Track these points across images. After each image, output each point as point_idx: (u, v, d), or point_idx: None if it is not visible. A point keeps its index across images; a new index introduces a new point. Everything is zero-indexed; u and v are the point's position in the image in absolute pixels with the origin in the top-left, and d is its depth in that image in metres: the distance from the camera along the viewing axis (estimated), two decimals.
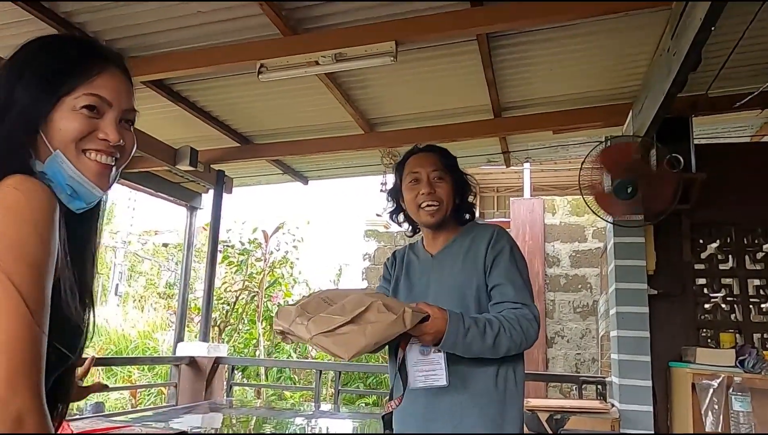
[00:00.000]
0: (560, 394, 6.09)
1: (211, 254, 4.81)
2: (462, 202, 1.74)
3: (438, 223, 1.68)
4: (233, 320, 6.89)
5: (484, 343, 1.45)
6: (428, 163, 1.68)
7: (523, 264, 1.64)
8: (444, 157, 1.72)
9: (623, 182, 2.98)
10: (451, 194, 1.68)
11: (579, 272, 6.52)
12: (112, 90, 0.88)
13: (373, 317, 1.34)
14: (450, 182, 1.68)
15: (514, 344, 1.49)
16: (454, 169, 1.72)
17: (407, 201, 1.71)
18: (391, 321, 1.34)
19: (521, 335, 1.49)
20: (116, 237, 18.46)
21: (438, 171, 1.67)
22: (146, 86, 3.39)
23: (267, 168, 5.06)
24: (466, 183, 1.76)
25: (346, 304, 1.35)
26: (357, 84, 3.49)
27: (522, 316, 1.51)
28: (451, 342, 1.41)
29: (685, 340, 3.23)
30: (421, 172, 1.67)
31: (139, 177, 4.71)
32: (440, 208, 1.66)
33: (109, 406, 6.53)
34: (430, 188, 1.65)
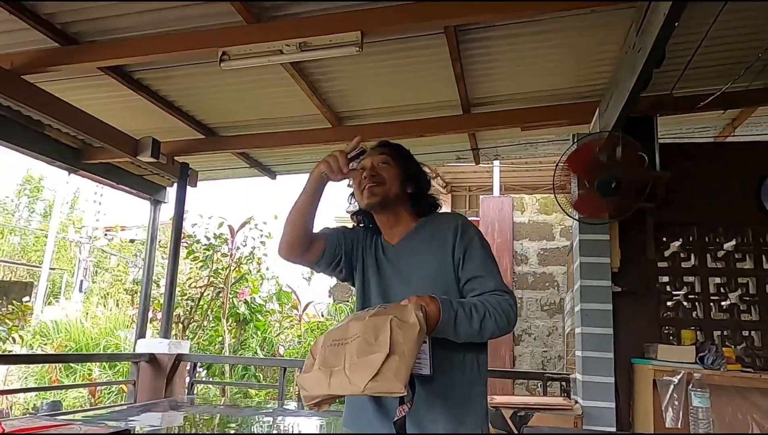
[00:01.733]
0: (526, 391, 6.12)
1: (173, 249, 4.69)
2: (417, 193, 1.73)
3: (380, 202, 1.66)
4: (198, 317, 6.75)
5: (471, 327, 1.47)
6: (377, 154, 1.71)
7: (491, 251, 1.67)
8: (395, 150, 1.74)
9: (607, 179, 2.98)
10: (397, 179, 1.67)
11: (547, 270, 6.56)
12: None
13: (401, 337, 1.30)
14: (396, 169, 1.69)
15: (498, 328, 1.51)
16: (403, 159, 1.73)
17: (354, 190, 1.72)
18: (417, 332, 1.32)
19: (504, 319, 1.51)
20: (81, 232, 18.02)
21: (385, 159, 1.69)
22: (104, 72, 3.27)
23: (233, 161, 4.95)
24: (421, 175, 1.76)
25: (366, 337, 1.30)
26: (324, 76, 3.42)
27: (504, 301, 1.53)
28: (443, 328, 1.42)
29: (648, 337, 3.26)
30: (368, 162, 1.69)
31: (99, 169, 4.56)
32: (380, 186, 1.64)
33: (67, 404, 6.34)
34: (372, 171, 1.66)
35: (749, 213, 3.33)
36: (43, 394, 6.14)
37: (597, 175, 2.98)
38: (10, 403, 6.37)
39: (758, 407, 2.72)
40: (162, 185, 5.21)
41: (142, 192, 5.09)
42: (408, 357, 1.26)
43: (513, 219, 6.72)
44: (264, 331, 6.93)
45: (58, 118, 3.48)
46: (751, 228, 3.34)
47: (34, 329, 8.29)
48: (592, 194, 2.99)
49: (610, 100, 3.18)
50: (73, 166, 4.36)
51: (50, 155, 4.15)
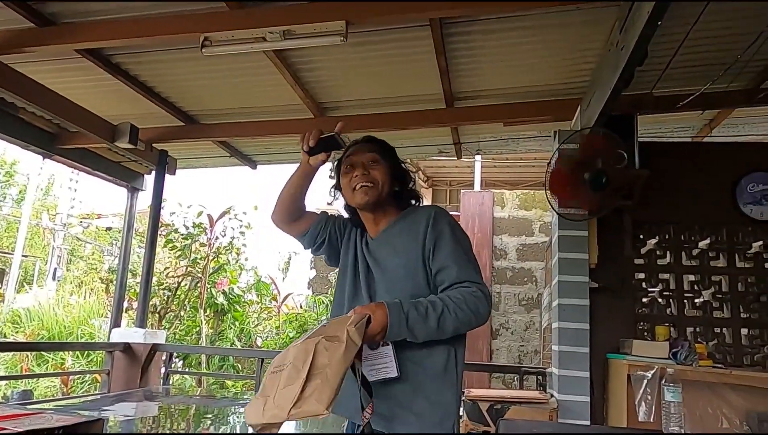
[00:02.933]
0: (503, 385, 6.19)
1: (150, 237, 4.62)
2: (402, 190, 1.76)
3: (373, 203, 1.68)
4: (175, 307, 6.66)
5: (427, 326, 1.46)
6: (364, 151, 1.71)
7: (467, 242, 1.65)
8: (381, 146, 1.75)
9: (598, 173, 3.00)
10: (387, 178, 1.70)
11: (525, 265, 6.63)
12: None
13: (325, 359, 1.31)
14: (386, 167, 1.71)
15: (462, 323, 1.49)
16: (391, 157, 1.75)
17: (343, 186, 1.72)
18: (343, 350, 1.33)
19: (469, 313, 1.49)
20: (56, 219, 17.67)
21: (373, 158, 1.70)
22: (81, 55, 3.19)
23: (213, 150, 4.88)
24: (405, 172, 1.78)
25: (296, 364, 1.31)
26: (307, 65, 3.39)
27: (469, 294, 1.51)
28: (396, 332, 1.44)
29: (624, 332, 3.31)
30: (356, 159, 1.70)
31: (75, 154, 4.47)
32: (374, 188, 1.67)
33: (38, 394, 6.22)
34: (363, 170, 1.67)
35: (724, 212, 3.39)
36: (13, 383, 6.02)
37: (587, 171, 3.00)
38: None
39: (728, 402, 2.78)
40: (140, 172, 5.12)
41: (119, 179, 5.00)
42: (332, 378, 1.27)
43: (493, 214, 6.77)
44: (242, 322, 6.88)
45: (32, 101, 3.40)
46: (725, 227, 3.40)
47: (6, 317, 8.12)
48: (584, 190, 3.01)
49: (592, 97, 3.21)
50: (48, 151, 4.27)
51: (24, 139, 4.06)
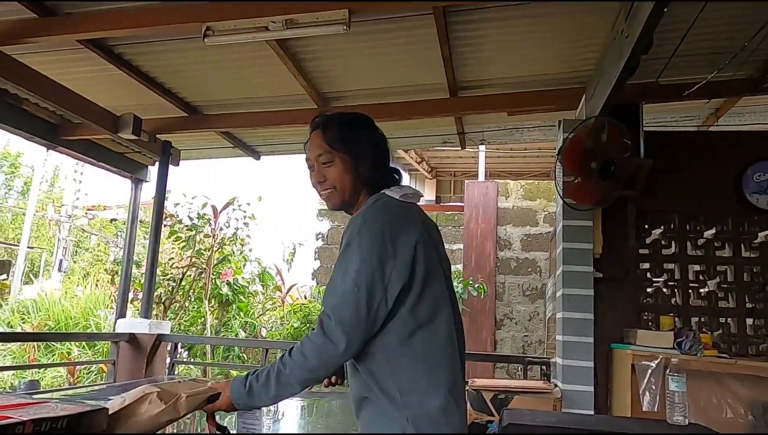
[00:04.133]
0: (507, 375, 6.20)
1: (155, 228, 4.63)
2: (370, 170, 1.53)
3: (338, 206, 1.56)
4: (180, 297, 6.69)
5: (271, 390, 1.41)
6: (314, 147, 1.53)
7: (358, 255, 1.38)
8: (327, 133, 1.52)
9: (607, 162, 2.98)
10: (345, 173, 1.51)
11: (530, 256, 6.62)
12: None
13: (143, 409, 1.51)
14: (340, 162, 1.50)
15: (309, 371, 1.39)
16: (344, 142, 1.51)
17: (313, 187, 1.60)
18: (158, 412, 1.51)
19: (306, 361, 1.38)
20: (61, 210, 17.73)
21: (324, 154, 1.51)
22: (83, 46, 3.18)
23: (217, 141, 4.88)
24: (369, 148, 1.54)
25: (126, 397, 1.51)
26: (310, 55, 3.37)
27: (307, 339, 1.39)
28: (243, 403, 1.44)
29: (628, 322, 3.30)
30: (311, 157, 1.54)
31: (79, 145, 4.47)
32: (334, 193, 1.52)
33: (45, 384, 6.28)
34: (319, 176, 1.53)
35: (730, 202, 3.37)
36: (20, 373, 6.07)
37: (595, 159, 2.98)
38: None
39: (733, 392, 2.78)
40: (143, 164, 5.12)
41: (123, 170, 5.00)
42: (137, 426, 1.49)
43: (497, 204, 6.75)
44: (247, 312, 6.91)
45: (35, 91, 3.40)
46: (731, 217, 3.38)
47: (13, 308, 8.18)
48: (591, 179, 2.99)
49: (597, 86, 3.18)
50: (51, 143, 4.27)
51: (28, 130, 4.06)
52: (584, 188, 3.08)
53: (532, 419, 2.37)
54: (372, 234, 1.39)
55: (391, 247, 1.38)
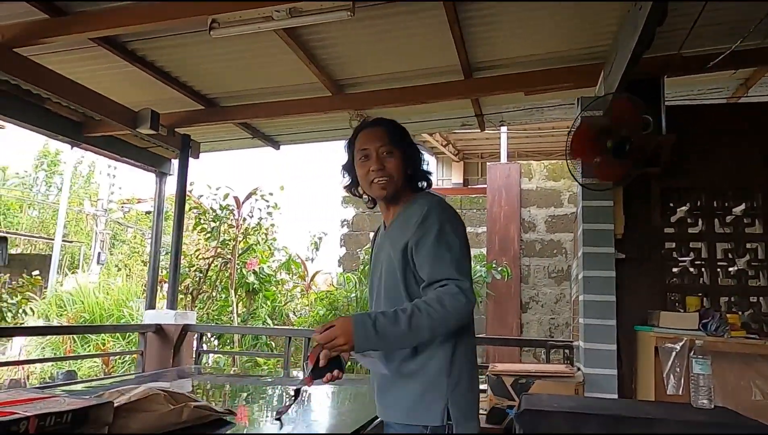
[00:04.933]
0: (534, 359, 6.14)
1: (177, 220, 4.71)
2: (415, 172, 1.75)
3: (389, 195, 1.71)
4: (207, 288, 6.82)
5: (398, 330, 1.46)
6: (376, 139, 1.70)
7: (454, 237, 1.61)
8: (392, 131, 1.73)
9: (621, 141, 2.90)
10: (401, 167, 1.70)
11: (554, 237, 6.50)
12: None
13: (153, 407, 1.62)
14: (399, 155, 1.70)
15: (440, 323, 1.49)
16: (402, 141, 1.73)
17: (360, 177, 1.74)
18: (167, 411, 1.62)
19: (443, 312, 1.48)
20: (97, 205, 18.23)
21: (385, 146, 1.69)
22: (97, 44, 3.23)
23: (235, 132, 4.91)
24: (417, 153, 1.78)
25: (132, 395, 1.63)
26: (320, 42, 3.35)
27: (445, 293, 1.50)
28: (362, 341, 1.46)
29: (653, 304, 3.21)
30: (370, 148, 1.70)
31: (102, 141, 4.56)
32: (390, 182, 1.68)
33: (82, 374, 6.51)
34: (379, 164, 1.68)
35: (759, 176, 3.23)
36: (59, 364, 6.30)
37: (609, 138, 2.90)
38: (27, 373, 6.57)
39: (762, 374, 2.69)
40: (166, 157, 5.19)
41: (147, 164, 5.09)
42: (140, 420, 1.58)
43: (520, 186, 6.65)
44: (273, 300, 7.00)
45: (54, 91, 3.47)
46: (760, 192, 3.24)
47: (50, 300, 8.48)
48: (607, 158, 2.91)
49: (614, 61, 3.07)
50: (75, 140, 4.37)
51: (52, 129, 4.16)
52: (602, 168, 2.99)
53: (550, 404, 2.33)
54: (459, 223, 1.66)
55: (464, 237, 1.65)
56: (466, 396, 1.62)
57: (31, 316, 6.72)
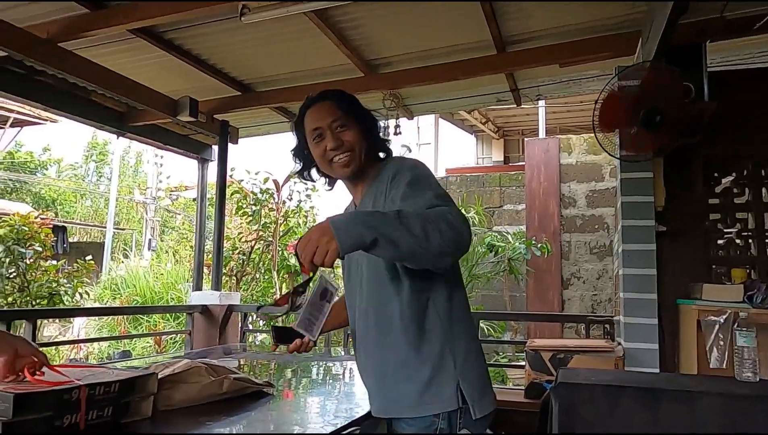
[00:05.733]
0: (576, 335, 6.08)
1: (219, 205, 4.85)
2: (375, 141, 1.62)
3: (354, 171, 1.58)
4: (250, 269, 7.01)
5: (386, 218, 1.23)
6: (327, 114, 1.56)
7: (428, 177, 1.46)
8: (341, 102, 1.58)
9: (651, 111, 2.82)
10: (360, 138, 1.56)
11: (596, 212, 6.37)
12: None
13: (194, 378, 1.69)
14: (355, 126, 1.56)
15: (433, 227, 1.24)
16: (355, 110, 1.59)
17: (317, 158, 1.60)
18: (208, 383, 1.71)
19: (435, 217, 1.26)
20: (146, 193, 18.89)
21: (338, 120, 1.55)
22: (135, 35, 3.33)
23: (272, 116, 5.00)
24: (373, 121, 1.64)
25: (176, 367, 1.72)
26: (350, 23, 3.36)
27: (445, 211, 1.30)
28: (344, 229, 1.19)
29: (697, 276, 3.13)
30: (322, 125, 1.55)
31: (146, 130, 4.71)
32: (353, 156, 1.55)
33: (136, 353, 6.84)
34: (336, 141, 1.54)
35: None
36: (115, 344, 6.63)
37: (641, 108, 2.82)
38: (87, 353, 6.96)
39: None
40: (207, 144, 5.33)
41: (189, 151, 5.24)
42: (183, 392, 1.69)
43: (560, 161, 6.52)
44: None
45: (98, 83, 3.61)
46: None
47: (105, 284, 8.91)
48: (637, 129, 2.83)
49: (651, 28, 2.97)
50: (119, 130, 4.54)
51: (97, 120, 4.33)
52: (635, 139, 2.92)
53: (586, 377, 2.33)
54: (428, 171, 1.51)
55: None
56: (477, 368, 1.50)
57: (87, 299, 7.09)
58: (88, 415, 1.33)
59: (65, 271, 6.38)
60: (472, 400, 1.43)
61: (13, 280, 5.72)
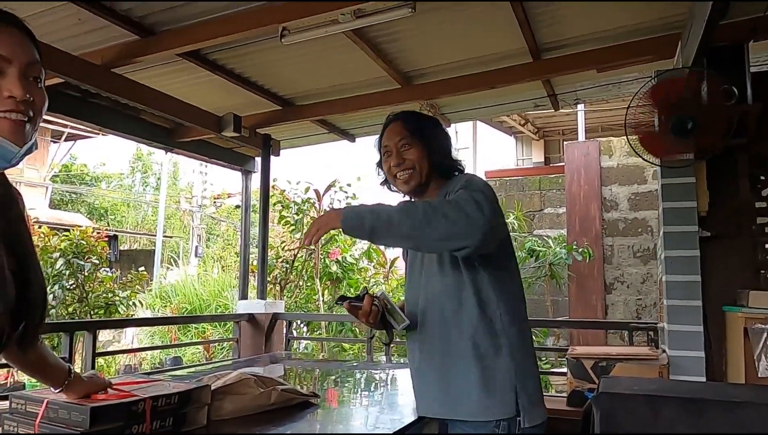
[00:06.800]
0: (620, 341, 5.97)
1: (262, 215, 5.00)
2: (443, 159, 1.74)
3: (414, 189, 1.72)
4: (294, 277, 7.17)
5: (388, 207, 1.42)
6: (394, 134, 1.73)
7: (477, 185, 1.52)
8: (409, 124, 1.74)
9: (682, 118, 2.80)
10: (423, 156, 1.70)
11: (638, 215, 6.24)
12: (9, 46, 0.88)
13: (245, 390, 1.77)
14: (419, 146, 1.70)
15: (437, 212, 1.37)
16: (421, 131, 1.72)
17: (386, 173, 1.78)
18: (258, 394, 1.78)
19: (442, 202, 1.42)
20: (192, 202, 19.48)
21: (403, 139, 1.70)
22: (182, 58, 3.50)
23: (312, 128, 5.12)
24: (443, 141, 1.77)
25: (227, 379, 1.80)
26: (385, 38, 3.44)
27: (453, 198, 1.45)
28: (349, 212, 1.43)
29: (744, 282, 3.07)
30: (390, 144, 1.73)
31: (192, 145, 4.91)
32: (413, 174, 1.69)
33: (186, 359, 7.09)
34: (399, 159, 1.70)
35: None
36: (166, 351, 6.90)
37: (673, 113, 2.79)
38: (140, 359, 7.27)
39: None
40: (250, 156, 5.50)
41: (233, 164, 5.42)
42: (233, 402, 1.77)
43: (600, 164, 6.42)
44: (357, 288, 7.24)
45: (147, 103, 3.80)
46: None
47: (156, 293, 9.26)
48: (664, 134, 2.81)
49: (690, 31, 2.94)
50: (168, 146, 4.75)
51: (148, 137, 4.55)
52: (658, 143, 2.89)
53: (629, 386, 2.32)
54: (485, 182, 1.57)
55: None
56: (533, 377, 1.58)
57: (140, 308, 7.41)
58: (152, 425, 1.43)
59: (120, 282, 6.70)
60: (524, 410, 1.50)
61: (73, 291, 6.07)
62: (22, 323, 0.92)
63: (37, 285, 0.95)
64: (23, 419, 1.40)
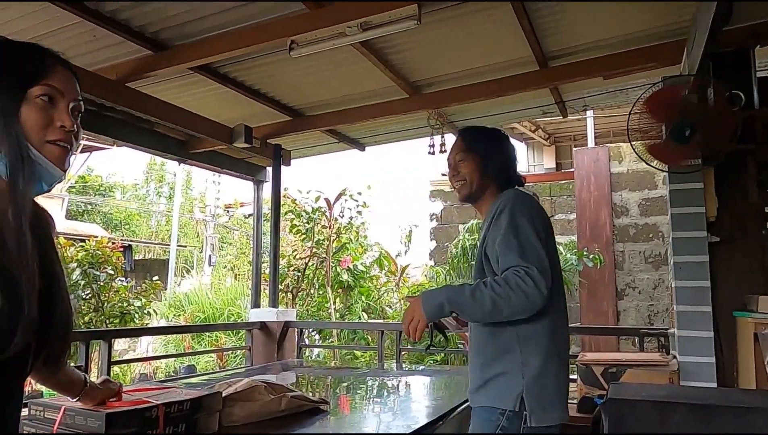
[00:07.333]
0: (632, 347, 5.94)
1: (274, 224, 5.06)
2: (498, 173, 1.85)
3: (466, 198, 1.88)
4: (305, 286, 7.22)
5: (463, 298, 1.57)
6: (453, 148, 1.92)
7: (523, 224, 1.64)
8: (464, 139, 1.91)
9: (680, 124, 2.82)
10: (475, 169, 1.84)
11: (649, 221, 6.22)
12: (63, 82, 0.98)
13: (255, 396, 1.82)
14: (473, 159, 1.85)
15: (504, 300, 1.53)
16: (475, 146, 1.87)
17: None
18: (269, 400, 1.83)
19: (507, 289, 1.53)
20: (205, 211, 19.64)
21: (459, 153, 1.88)
22: (194, 72, 3.57)
23: (322, 138, 5.18)
24: (498, 155, 1.88)
25: (238, 386, 1.84)
26: (392, 49, 3.49)
27: (510, 274, 1.55)
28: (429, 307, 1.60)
29: (754, 287, 3.06)
30: (450, 157, 1.91)
31: (204, 156, 4.99)
32: (465, 185, 1.86)
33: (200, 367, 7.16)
34: (454, 171, 1.88)
35: None
36: (180, 359, 6.97)
37: (674, 119, 2.81)
38: (154, 368, 7.34)
39: None
40: (261, 166, 5.57)
41: (245, 174, 5.49)
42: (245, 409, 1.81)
43: (610, 170, 6.41)
44: (368, 296, 7.28)
45: (160, 116, 3.89)
46: None
47: (169, 302, 9.36)
48: (669, 140, 2.83)
49: (695, 37, 2.95)
50: (181, 157, 4.83)
51: (162, 149, 4.64)
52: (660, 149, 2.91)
53: (638, 393, 2.32)
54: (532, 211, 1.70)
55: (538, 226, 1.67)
56: (548, 386, 1.66)
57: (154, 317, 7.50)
58: (165, 430, 1.48)
59: (135, 291, 6.80)
60: (531, 410, 1.61)
61: (89, 301, 6.17)
62: (48, 344, 0.96)
63: (63, 307, 0.99)
64: (42, 425, 1.45)
